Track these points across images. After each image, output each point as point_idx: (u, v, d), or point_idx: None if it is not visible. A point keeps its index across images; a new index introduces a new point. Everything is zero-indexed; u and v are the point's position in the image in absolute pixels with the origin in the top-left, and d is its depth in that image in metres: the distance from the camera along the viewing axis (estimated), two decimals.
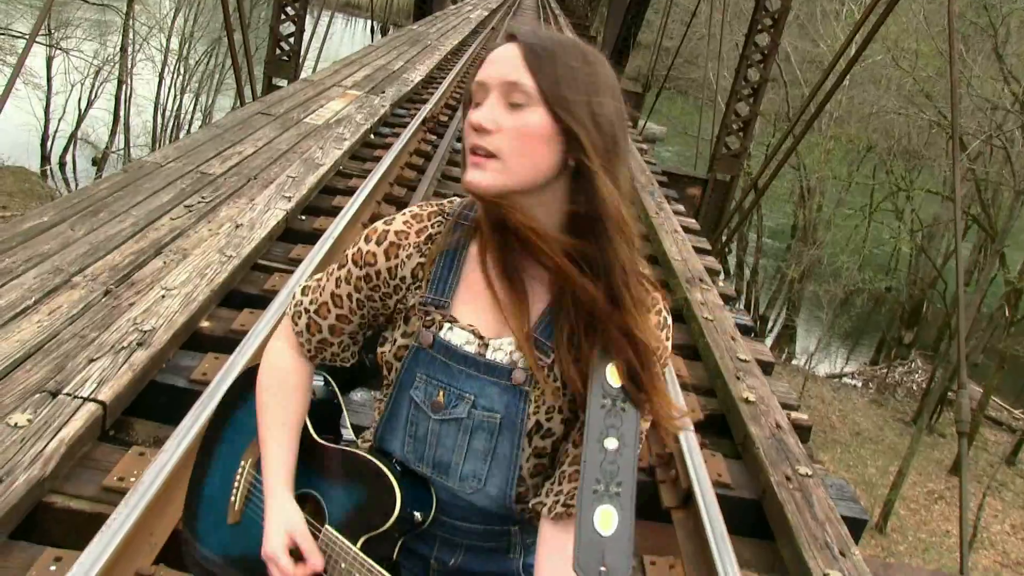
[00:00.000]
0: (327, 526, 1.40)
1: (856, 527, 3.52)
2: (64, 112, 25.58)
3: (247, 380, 1.56)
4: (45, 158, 24.60)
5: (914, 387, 22.04)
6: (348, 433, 1.56)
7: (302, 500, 1.46)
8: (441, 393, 1.32)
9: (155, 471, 2.59)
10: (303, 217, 5.50)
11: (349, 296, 1.38)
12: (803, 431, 4.13)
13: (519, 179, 1.19)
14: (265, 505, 1.40)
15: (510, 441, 1.32)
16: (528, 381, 1.29)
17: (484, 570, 1.47)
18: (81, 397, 2.91)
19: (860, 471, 16.55)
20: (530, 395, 1.30)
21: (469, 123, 1.19)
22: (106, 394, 2.96)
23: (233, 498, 1.54)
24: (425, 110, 8.82)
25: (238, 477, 1.54)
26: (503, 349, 1.31)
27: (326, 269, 1.44)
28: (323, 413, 1.53)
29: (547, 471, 1.37)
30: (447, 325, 1.31)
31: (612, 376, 1.22)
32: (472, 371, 1.31)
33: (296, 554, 1.37)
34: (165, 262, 4.14)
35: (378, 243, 1.34)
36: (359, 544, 1.35)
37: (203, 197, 5.12)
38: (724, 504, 3.26)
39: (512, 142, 1.17)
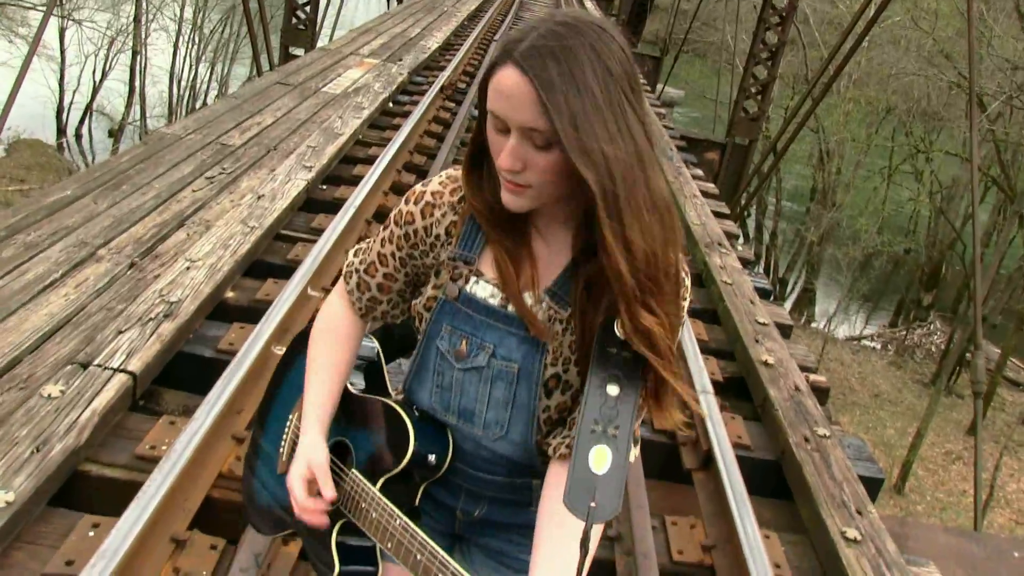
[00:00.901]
0: (353, 470, 1.48)
1: (873, 486, 3.56)
2: (79, 84, 25.61)
3: (300, 343, 1.66)
4: (61, 130, 24.68)
5: (933, 349, 21.98)
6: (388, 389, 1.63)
7: (338, 448, 1.54)
8: (464, 342, 1.39)
9: (186, 439, 2.66)
10: (324, 187, 5.53)
11: (393, 255, 1.45)
12: (821, 393, 4.17)
13: (553, 198, 1.27)
14: (299, 443, 1.48)
15: (528, 390, 1.37)
16: (547, 333, 1.35)
17: (507, 521, 1.55)
18: (111, 368, 2.98)
19: (879, 433, 16.58)
20: (547, 347, 1.35)
21: (500, 166, 1.22)
22: (135, 365, 3.03)
23: (281, 450, 1.64)
24: (443, 77, 8.80)
25: (287, 430, 1.64)
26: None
27: (376, 233, 1.52)
28: (368, 372, 1.62)
29: (567, 422, 1.42)
30: (473, 279, 1.38)
31: (619, 327, 1.25)
32: (493, 321, 1.37)
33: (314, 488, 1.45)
34: (188, 234, 4.19)
35: (416, 203, 1.41)
36: (379, 485, 1.43)
37: (224, 168, 5.16)
38: (744, 465, 3.31)
39: (542, 176, 1.22)
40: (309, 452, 1.45)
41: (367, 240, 1.55)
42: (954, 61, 19.84)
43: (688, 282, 1.33)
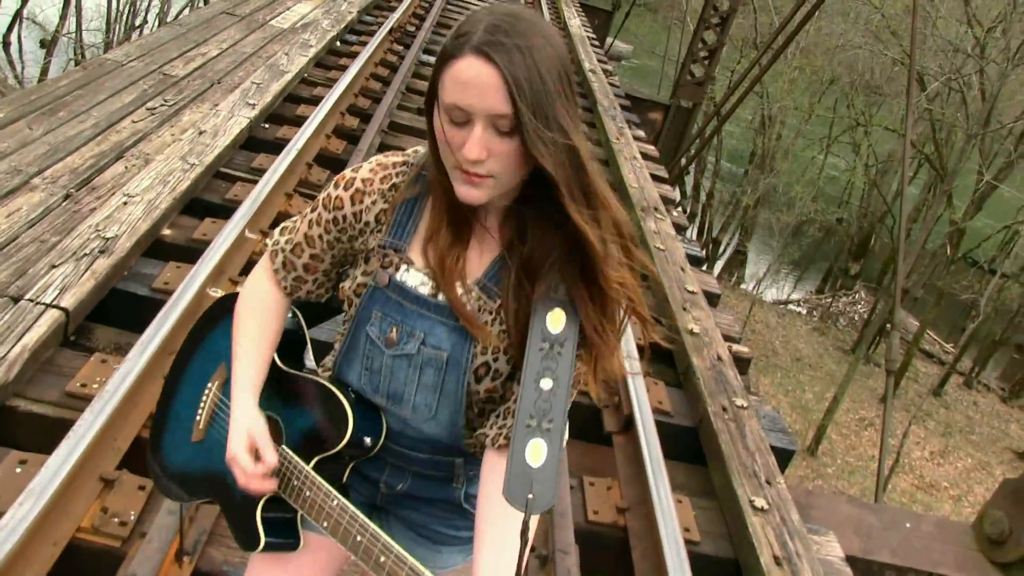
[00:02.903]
0: (283, 446, 1.50)
1: (784, 457, 3.75)
2: None
3: (221, 307, 1.65)
4: None
5: (856, 317, 22.68)
6: (310, 363, 1.65)
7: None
8: (394, 330, 1.42)
9: (119, 379, 2.67)
10: (266, 125, 5.47)
11: (320, 237, 1.47)
12: (743, 363, 4.33)
13: (507, 187, 1.29)
14: (231, 414, 1.50)
15: (456, 377, 1.42)
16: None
17: (429, 496, 1.60)
18: (44, 303, 2.96)
19: (798, 396, 17.15)
20: (475, 333, 1.40)
21: (465, 157, 1.22)
22: (68, 301, 3.02)
23: (198, 417, 1.64)
24: (393, 19, 8.67)
25: (205, 397, 1.64)
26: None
27: (301, 213, 1.53)
28: (289, 343, 1.62)
29: (495, 406, 1.48)
30: (404, 267, 1.40)
31: (552, 322, 1.32)
32: (423, 311, 1.40)
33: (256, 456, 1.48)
34: (127, 167, 4.13)
35: (345, 189, 1.43)
36: (312, 464, 1.46)
37: (166, 100, 5.06)
38: (663, 431, 3.45)
39: (504, 163, 1.23)
40: (248, 423, 1.47)
41: (293, 219, 1.55)
42: (899, 38, 20.14)
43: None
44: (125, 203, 3.77)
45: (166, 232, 3.86)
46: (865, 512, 3.85)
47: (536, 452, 1.23)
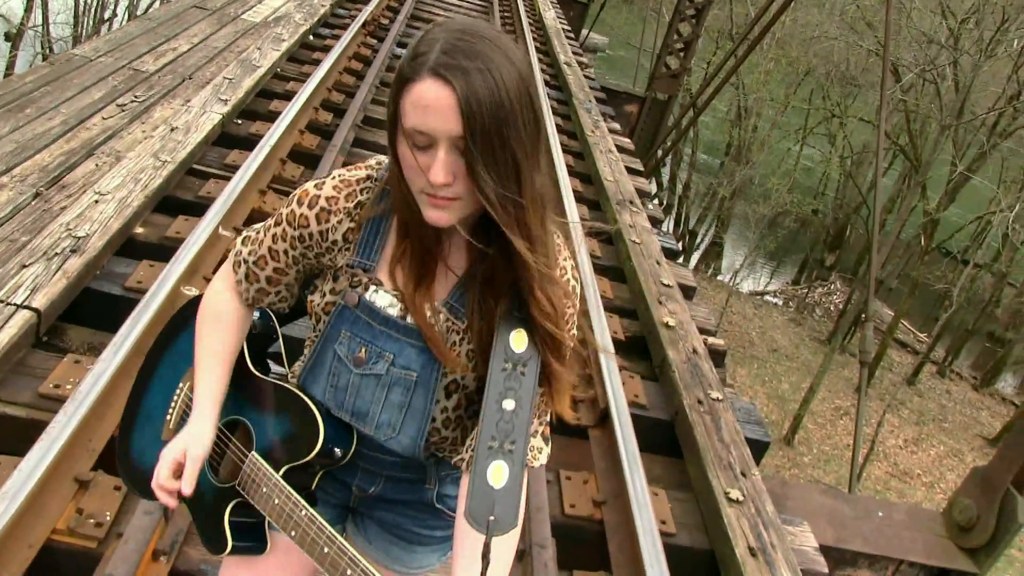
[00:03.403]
0: (254, 452, 1.50)
1: (759, 449, 3.79)
2: None
3: (191, 309, 1.64)
4: None
5: (832, 308, 22.88)
6: (281, 367, 1.64)
7: (233, 426, 1.56)
8: (363, 350, 1.41)
9: (93, 379, 2.65)
10: (239, 121, 5.43)
11: (285, 252, 1.45)
12: (718, 356, 4.36)
13: (473, 208, 1.25)
14: (187, 425, 1.50)
15: (424, 396, 1.43)
16: (445, 343, 1.39)
17: (402, 498, 1.60)
18: (15, 304, 2.93)
19: (774, 386, 17.29)
20: (441, 356, 1.39)
21: (432, 181, 1.19)
22: (40, 301, 2.99)
23: (169, 417, 1.64)
24: (367, 12, 8.62)
25: (175, 398, 1.64)
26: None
27: (266, 223, 1.50)
28: (260, 344, 1.62)
29: (462, 421, 1.49)
30: (373, 287, 1.39)
31: (515, 342, 1.32)
32: (393, 332, 1.39)
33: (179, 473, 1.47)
34: (97, 164, 4.10)
35: (310, 207, 1.39)
36: (281, 472, 1.46)
37: (136, 96, 5.02)
38: (639, 424, 3.47)
39: (469, 185, 1.20)
40: (191, 443, 1.46)
41: (255, 229, 1.52)
42: (874, 29, 20.29)
43: (578, 289, 1.41)
44: (96, 201, 3.74)
45: (138, 230, 3.83)
46: (838, 502, 3.90)
47: (498, 474, 1.24)
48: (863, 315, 6.84)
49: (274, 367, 1.61)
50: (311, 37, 7.75)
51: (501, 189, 1.18)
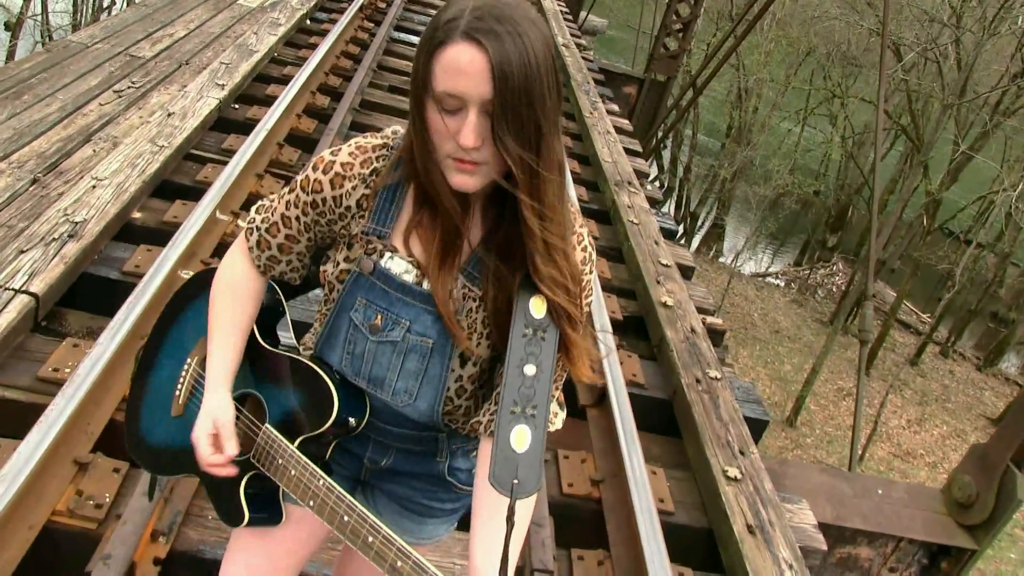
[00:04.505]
0: (267, 425, 1.51)
1: (757, 427, 3.80)
2: None
3: (198, 282, 1.65)
4: None
5: (834, 289, 22.83)
6: (290, 339, 1.64)
7: (243, 399, 1.57)
8: (379, 317, 1.41)
9: (91, 363, 2.67)
10: (236, 106, 5.42)
11: (297, 219, 1.45)
12: (716, 335, 4.37)
13: (498, 173, 1.26)
14: (204, 397, 1.51)
15: (440, 363, 1.43)
16: (461, 311, 1.40)
17: (413, 471, 1.61)
18: (13, 289, 2.95)
19: (776, 368, 17.29)
20: (451, 327, 1.40)
21: (462, 144, 1.20)
22: (38, 286, 3.00)
23: (178, 392, 1.64)
24: None
25: (184, 373, 1.64)
26: None
27: (280, 191, 1.51)
28: (267, 318, 1.62)
29: (476, 391, 1.50)
30: (388, 254, 1.39)
31: (535, 307, 1.34)
32: (409, 299, 1.39)
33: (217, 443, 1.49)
34: (95, 150, 4.10)
35: (324, 172, 1.39)
36: (296, 443, 1.46)
37: (133, 82, 5.01)
38: (637, 403, 3.48)
39: (494, 148, 1.22)
40: (216, 411, 1.48)
41: (271, 197, 1.53)
42: (875, 8, 20.13)
43: (594, 255, 1.44)
44: (94, 187, 3.74)
45: (136, 215, 3.84)
46: (838, 480, 3.92)
47: (520, 438, 1.26)
48: (863, 295, 6.84)
49: (283, 339, 1.61)
50: (308, 21, 7.74)
51: (522, 152, 1.20)
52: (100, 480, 2.44)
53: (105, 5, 21.62)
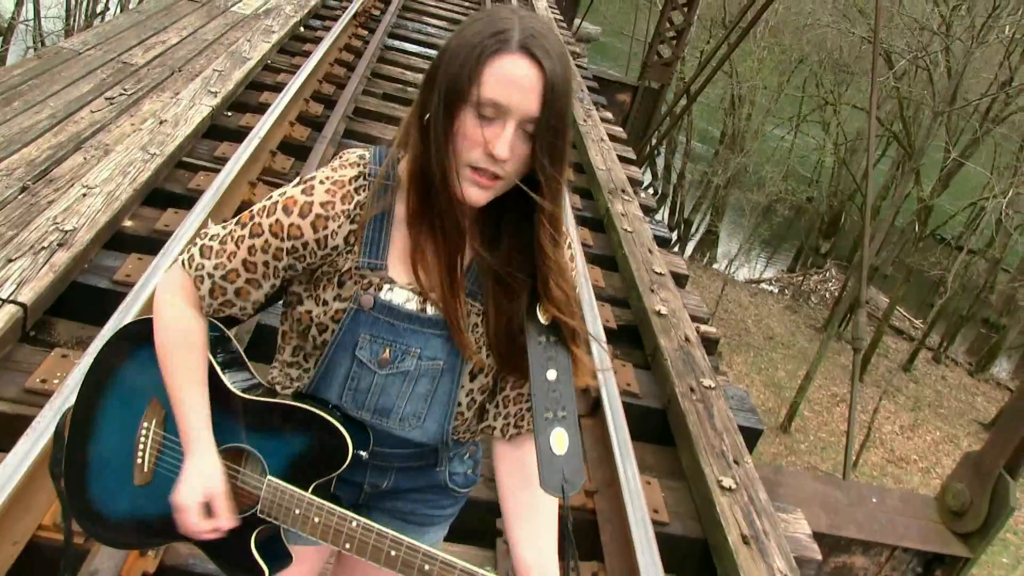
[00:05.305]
0: (269, 477, 1.42)
1: (752, 436, 3.78)
2: None
3: (129, 339, 1.52)
4: None
5: (827, 295, 22.89)
6: (250, 380, 1.54)
7: (225, 455, 1.46)
8: (387, 350, 1.38)
9: (80, 373, 2.63)
10: (229, 113, 5.40)
11: (265, 264, 1.36)
12: (710, 343, 4.35)
13: (504, 192, 1.28)
14: (185, 460, 1.41)
15: (450, 382, 1.43)
16: (467, 328, 1.39)
17: (414, 485, 1.58)
18: (0, 299, 2.91)
19: (770, 374, 17.31)
20: (465, 346, 1.41)
21: (490, 152, 1.20)
22: (27, 295, 2.97)
23: (140, 460, 1.51)
24: (357, 3, 8.58)
25: (142, 438, 1.50)
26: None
27: (225, 229, 1.41)
28: (226, 363, 1.52)
29: (481, 402, 1.51)
30: (387, 286, 1.36)
31: (542, 314, 1.36)
32: (417, 327, 1.37)
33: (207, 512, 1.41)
34: (85, 158, 4.07)
35: (302, 216, 1.32)
36: (310, 490, 1.40)
37: (125, 89, 4.99)
38: (631, 412, 3.46)
39: (516, 167, 1.24)
40: (208, 479, 1.40)
41: (210, 237, 1.41)
42: (867, 16, 20.20)
43: (576, 250, 1.47)
44: (84, 195, 3.72)
45: (127, 224, 3.82)
46: (832, 488, 3.90)
47: (560, 441, 1.31)
48: (856, 302, 6.85)
49: (239, 375, 1.52)
50: (302, 29, 7.73)
51: (555, 172, 1.24)
52: None
53: (99, 11, 21.58)
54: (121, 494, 1.53)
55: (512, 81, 1.17)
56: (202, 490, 1.39)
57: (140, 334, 1.46)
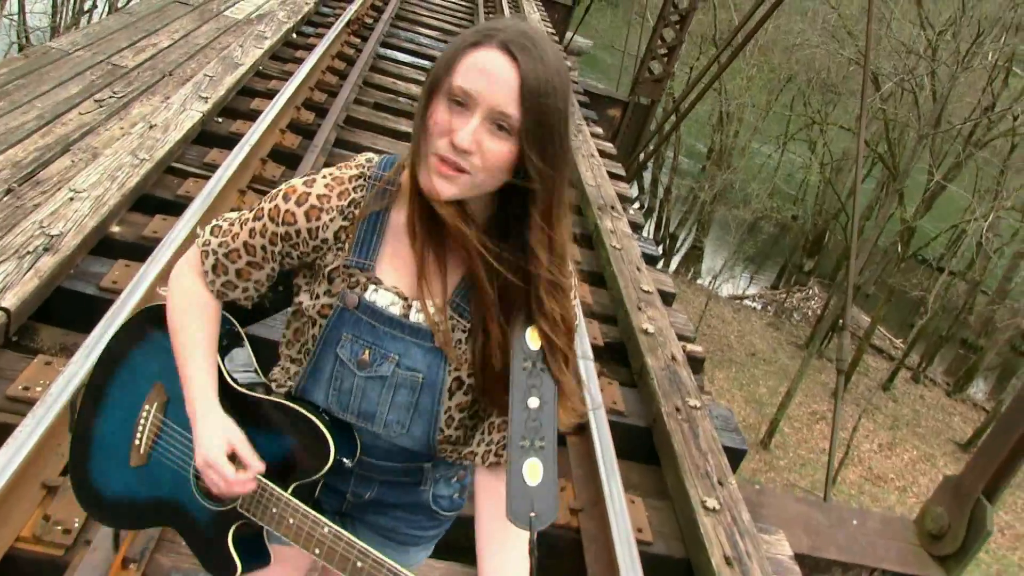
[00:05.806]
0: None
1: (736, 457, 3.79)
2: None
3: (142, 323, 1.55)
4: None
5: (809, 313, 23.02)
6: (252, 376, 1.56)
7: None
8: (367, 352, 1.39)
9: (64, 381, 2.61)
10: (219, 119, 5.37)
11: (263, 248, 1.41)
12: (696, 363, 4.37)
13: (478, 191, 1.27)
14: (195, 424, 1.42)
15: (431, 396, 1.42)
16: (451, 343, 1.38)
17: (397, 501, 1.58)
18: None
19: (751, 390, 17.37)
20: (450, 355, 1.39)
21: (452, 141, 1.20)
22: (10, 300, 2.94)
23: (137, 441, 1.54)
24: (351, 10, 8.58)
25: (142, 421, 1.54)
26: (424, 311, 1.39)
27: (238, 213, 1.47)
28: (233, 357, 1.55)
29: (466, 420, 1.49)
30: (372, 287, 1.37)
31: (531, 339, 1.33)
32: (397, 332, 1.38)
33: (234, 461, 1.42)
34: (73, 161, 4.04)
35: (298, 204, 1.36)
36: (289, 490, 1.42)
37: (114, 91, 4.96)
38: (617, 430, 3.46)
39: (485, 163, 1.22)
40: (223, 431, 1.42)
41: (226, 219, 1.48)
42: (855, 38, 20.45)
43: (575, 281, 1.43)
44: (71, 199, 3.69)
45: (115, 229, 3.79)
46: (813, 510, 3.91)
47: (533, 471, 1.26)
48: (840, 322, 6.88)
49: (245, 376, 1.55)
50: (294, 35, 7.71)
51: (544, 167, 1.23)
52: (69, 504, 2.37)
53: (86, 8, 21.42)
54: (118, 474, 1.57)
55: (482, 71, 1.20)
56: (225, 440, 1.41)
57: (159, 317, 1.50)
